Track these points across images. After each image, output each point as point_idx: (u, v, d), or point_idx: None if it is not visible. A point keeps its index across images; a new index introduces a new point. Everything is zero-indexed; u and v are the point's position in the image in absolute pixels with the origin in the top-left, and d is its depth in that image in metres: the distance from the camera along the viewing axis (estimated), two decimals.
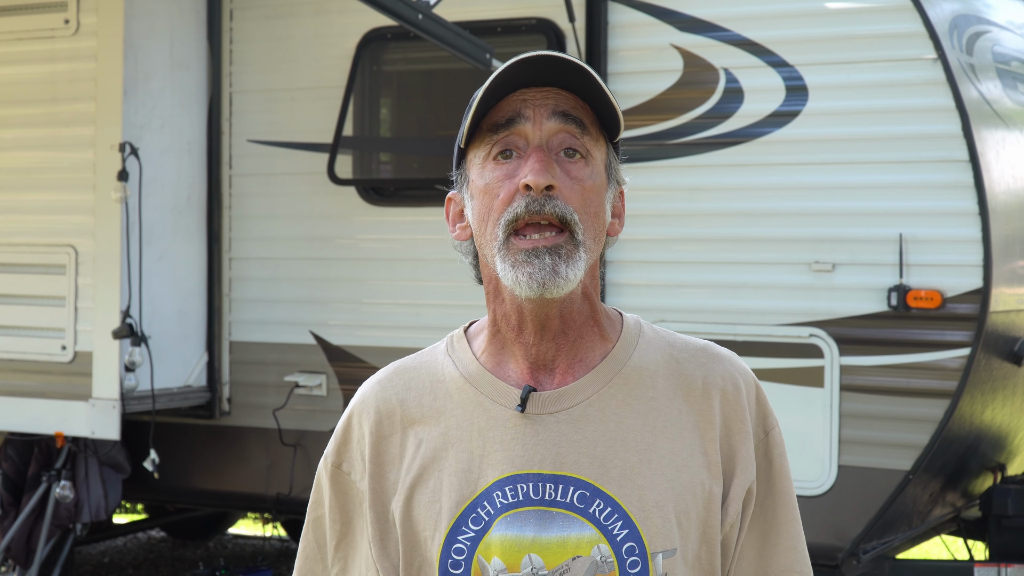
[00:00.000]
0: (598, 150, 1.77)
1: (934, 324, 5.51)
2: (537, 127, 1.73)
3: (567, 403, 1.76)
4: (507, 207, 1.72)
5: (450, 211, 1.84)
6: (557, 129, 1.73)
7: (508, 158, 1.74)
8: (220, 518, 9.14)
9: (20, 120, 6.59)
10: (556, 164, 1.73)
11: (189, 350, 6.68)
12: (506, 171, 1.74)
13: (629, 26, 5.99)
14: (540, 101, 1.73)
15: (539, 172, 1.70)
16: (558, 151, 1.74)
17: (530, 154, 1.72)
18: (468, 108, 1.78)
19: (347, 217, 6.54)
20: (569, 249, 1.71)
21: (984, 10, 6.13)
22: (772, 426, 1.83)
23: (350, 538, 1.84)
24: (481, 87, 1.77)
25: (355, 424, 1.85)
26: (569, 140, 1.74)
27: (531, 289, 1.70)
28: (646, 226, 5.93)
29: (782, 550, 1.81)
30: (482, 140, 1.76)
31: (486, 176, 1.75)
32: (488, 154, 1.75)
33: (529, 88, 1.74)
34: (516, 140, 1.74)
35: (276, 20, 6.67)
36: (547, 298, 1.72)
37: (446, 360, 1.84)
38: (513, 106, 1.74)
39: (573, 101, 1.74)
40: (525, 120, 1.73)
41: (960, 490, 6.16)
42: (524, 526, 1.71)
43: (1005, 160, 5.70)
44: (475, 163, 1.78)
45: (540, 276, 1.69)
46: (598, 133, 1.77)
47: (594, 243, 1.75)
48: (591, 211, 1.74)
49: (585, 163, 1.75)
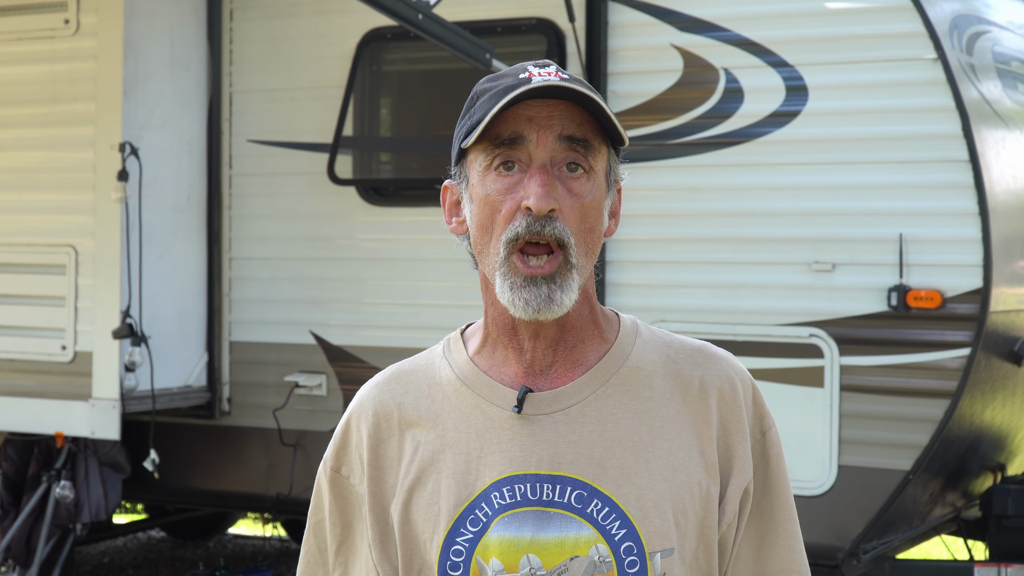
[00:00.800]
0: (600, 161, 1.77)
1: (934, 324, 5.50)
2: (541, 148, 1.73)
3: (564, 403, 1.77)
4: (508, 224, 1.73)
5: (446, 200, 1.85)
6: (562, 150, 1.74)
7: (510, 170, 1.75)
8: (220, 518, 9.14)
9: (20, 120, 6.59)
10: (558, 181, 1.73)
11: (189, 350, 6.68)
12: (507, 184, 1.74)
13: (629, 26, 5.98)
14: (546, 122, 1.73)
15: (541, 196, 1.71)
16: (560, 166, 1.74)
17: (533, 174, 1.73)
18: (471, 104, 1.78)
19: (347, 217, 6.54)
20: (563, 274, 1.72)
21: (984, 10, 6.13)
22: (769, 426, 1.83)
23: (350, 542, 1.85)
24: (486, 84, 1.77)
25: (353, 428, 1.86)
26: (572, 156, 1.74)
27: (526, 313, 1.73)
28: (646, 226, 5.93)
29: (779, 550, 1.81)
30: (484, 147, 1.76)
31: (487, 186, 1.75)
32: (490, 164, 1.75)
33: (535, 101, 1.73)
34: (519, 154, 1.74)
35: (276, 20, 6.67)
36: (540, 319, 1.74)
37: (443, 362, 1.84)
38: (518, 124, 1.73)
39: (578, 117, 1.74)
40: (528, 141, 1.73)
41: (960, 490, 6.15)
42: (522, 527, 1.72)
43: (1005, 160, 5.70)
44: (476, 167, 1.77)
45: (536, 303, 1.72)
46: (600, 143, 1.77)
47: (587, 259, 1.76)
48: (587, 227, 1.75)
49: (587, 178, 1.75)
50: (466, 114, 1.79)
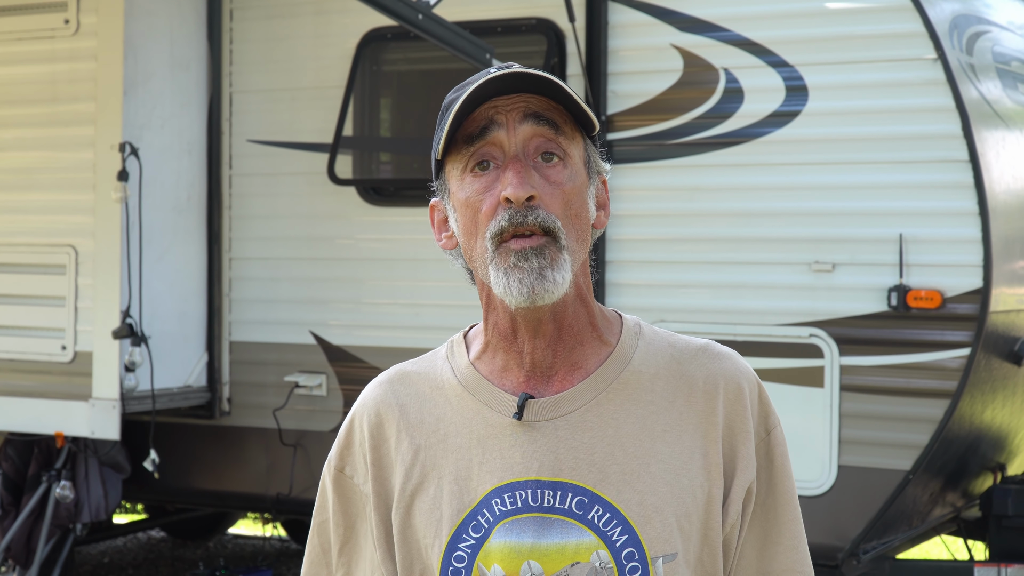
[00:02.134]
0: (575, 148, 1.77)
1: (934, 324, 5.51)
2: (511, 133, 1.73)
3: (564, 409, 1.76)
4: (491, 220, 1.72)
5: (434, 219, 1.85)
6: (531, 133, 1.73)
7: (485, 169, 1.74)
8: (220, 518, 9.14)
9: (20, 120, 6.59)
10: (534, 171, 1.73)
11: (189, 350, 6.68)
12: (485, 183, 1.74)
13: (629, 26, 5.98)
14: (511, 105, 1.74)
15: (518, 185, 1.70)
16: (535, 157, 1.74)
17: (507, 165, 1.73)
18: (440, 120, 1.78)
19: (347, 217, 6.54)
20: (553, 252, 1.71)
21: (984, 10, 6.13)
22: (774, 425, 1.83)
23: (354, 542, 1.85)
24: (452, 95, 1.78)
25: (357, 427, 1.86)
26: (545, 144, 1.74)
27: (521, 296, 1.71)
28: (646, 226, 5.93)
29: (783, 550, 1.80)
30: (458, 152, 1.76)
31: (466, 189, 1.75)
32: (466, 167, 1.75)
33: (499, 98, 1.74)
34: (492, 151, 1.74)
35: (276, 20, 6.67)
36: (538, 305, 1.72)
37: (445, 366, 1.84)
38: (485, 115, 1.74)
39: (544, 103, 1.74)
40: (498, 127, 1.73)
41: (960, 490, 6.16)
42: (523, 533, 1.71)
43: (1005, 160, 5.70)
44: (454, 175, 1.78)
45: (529, 281, 1.70)
46: (573, 131, 1.76)
47: (578, 245, 1.75)
48: (572, 214, 1.74)
49: (564, 165, 1.75)
50: (438, 127, 1.79)
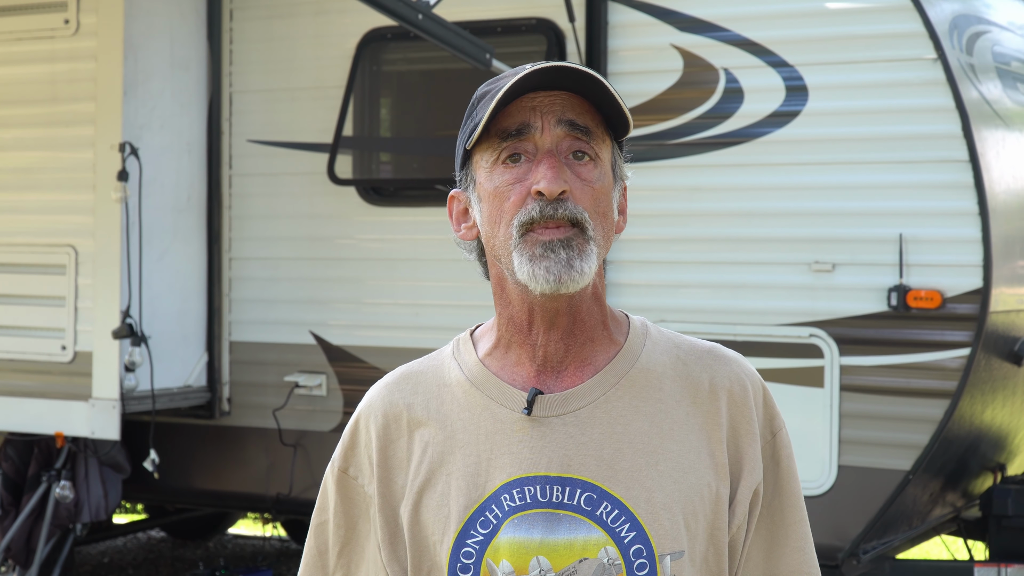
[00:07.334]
0: (605, 151, 1.77)
1: (934, 324, 5.51)
2: (546, 134, 1.74)
3: (574, 405, 1.77)
4: (519, 209, 1.73)
5: (453, 209, 1.84)
6: (564, 135, 1.74)
7: (517, 162, 1.75)
8: (220, 518, 9.14)
9: (20, 120, 6.59)
10: (567, 167, 1.73)
11: (189, 350, 6.68)
12: (516, 175, 1.74)
13: (629, 26, 5.99)
14: (548, 108, 1.74)
15: (552, 179, 1.71)
16: (567, 154, 1.74)
17: (541, 159, 1.73)
18: (471, 109, 1.78)
19: (347, 217, 6.54)
20: (581, 243, 1.71)
21: (984, 10, 6.14)
22: (779, 427, 1.83)
23: (354, 543, 1.85)
24: (485, 88, 1.77)
25: (362, 428, 1.85)
26: (577, 143, 1.75)
27: (547, 283, 1.71)
28: (646, 226, 5.93)
29: (790, 551, 1.81)
30: (490, 144, 1.76)
31: (495, 180, 1.75)
32: (497, 159, 1.76)
33: (537, 93, 1.74)
34: (525, 145, 1.75)
35: (276, 20, 6.67)
36: (561, 293, 1.72)
37: (452, 363, 1.84)
38: (522, 115, 1.74)
39: (580, 106, 1.75)
40: (534, 129, 1.74)
41: (960, 490, 6.16)
42: (532, 528, 1.72)
43: (1005, 160, 5.70)
44: (482, 166, 1.78)
45: (556, 270, 1.70)
46: (604, 134, 1.77)
47: (604, 240, 1.76)
48: (600, 211, 1.75)
49: (594, 165, 1.75)
50: (468, 118, 1.79)
